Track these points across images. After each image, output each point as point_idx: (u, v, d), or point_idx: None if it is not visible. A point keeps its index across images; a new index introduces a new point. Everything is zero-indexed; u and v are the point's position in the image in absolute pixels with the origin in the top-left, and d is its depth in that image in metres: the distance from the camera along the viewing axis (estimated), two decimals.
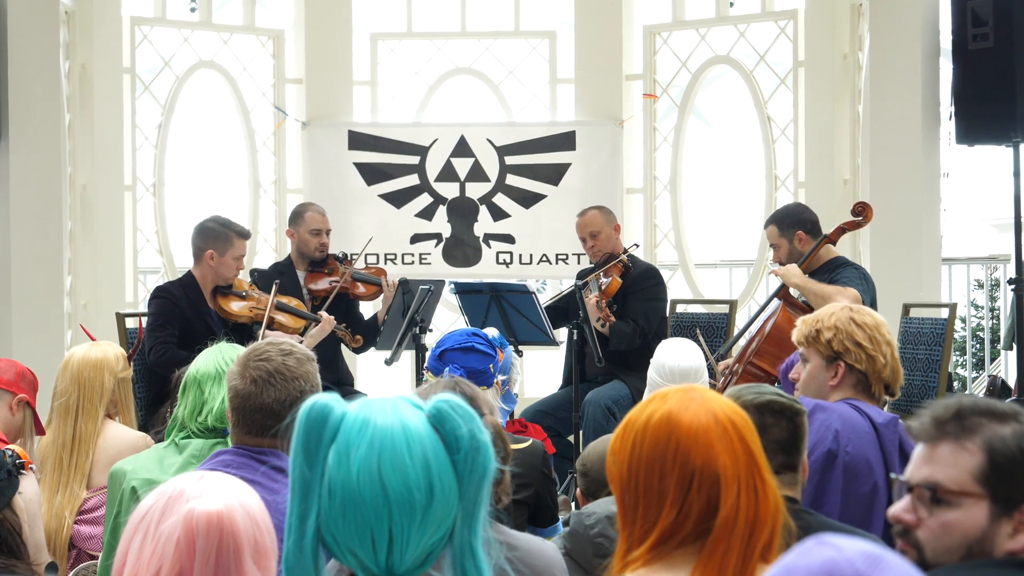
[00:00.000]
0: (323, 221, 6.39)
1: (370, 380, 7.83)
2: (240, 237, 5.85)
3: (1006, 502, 1.85)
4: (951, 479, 1.88)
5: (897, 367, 3.50)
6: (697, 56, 7.73)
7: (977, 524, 1.85)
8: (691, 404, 2.00)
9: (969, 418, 1.89)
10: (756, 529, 1.94)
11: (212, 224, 5.86)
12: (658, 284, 6.45)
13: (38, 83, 6.80)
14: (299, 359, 2.87)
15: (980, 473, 1.86)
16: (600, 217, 6.50)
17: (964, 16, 6.41)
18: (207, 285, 5.82)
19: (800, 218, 5.85)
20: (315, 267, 6.36)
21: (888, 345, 3.48)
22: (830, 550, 1.29)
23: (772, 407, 2.72)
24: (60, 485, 3.89)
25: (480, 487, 1.61)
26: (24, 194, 6.81)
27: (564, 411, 6.10)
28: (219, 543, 1.82)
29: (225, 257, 5.79)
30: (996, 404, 1.92)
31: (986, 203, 13.39)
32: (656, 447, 1.98)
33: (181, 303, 5.70)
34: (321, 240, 6.35)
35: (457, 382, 2.87)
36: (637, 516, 1.99)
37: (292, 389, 2.82)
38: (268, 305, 5.80)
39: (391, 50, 8.05)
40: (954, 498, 1.87)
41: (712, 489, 1.94)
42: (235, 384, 2.85)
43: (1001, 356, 8.21)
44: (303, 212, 6.44)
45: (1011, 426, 1.87)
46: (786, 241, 5.79)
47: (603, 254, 6.44)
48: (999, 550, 1.84)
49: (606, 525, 3.14)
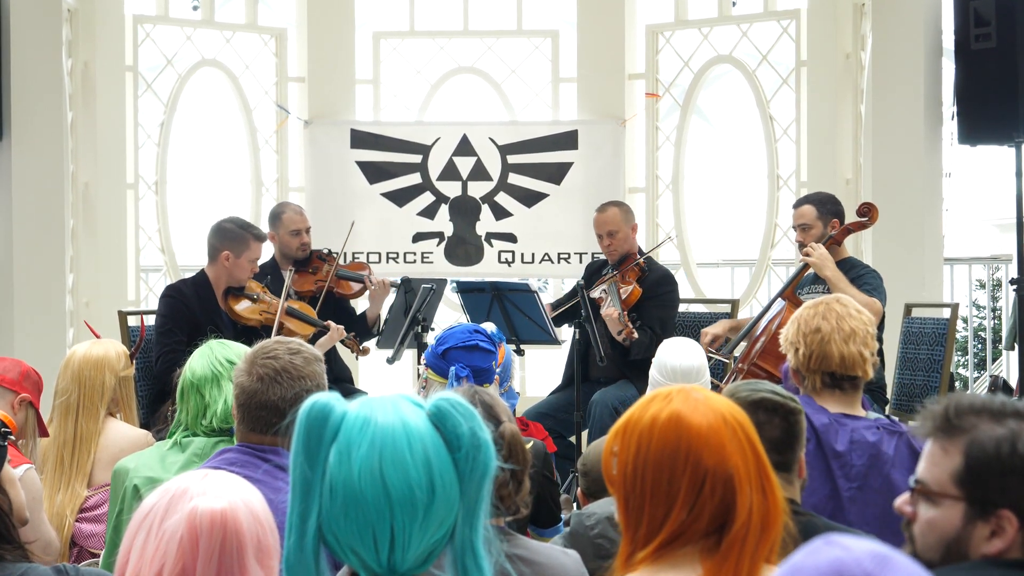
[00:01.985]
0: (301, 220, 6.34)
1: (371, 379, 7.82)
2: (257, 240, 5.82)
3: (983, 505, 1.85)
4: (934, 479, 1.90)
5: (828, 351, 3.44)
6: (699, 55, 7.73)
7: (952, 525, 1.87)
8: (698, 404, 1.99)
9: (959, 418, 1.90)
10: (768, 529, 1.95)
11: (230, 225, 5.83)
12: (673, 291, 6.35)
13: (40, 81, 6.81)
14: (306, 358, 2.88)
15: (957, 475, 1.88)
16: (620, 216, 6.37)
17: (967, 16, 6.41)
18: (220, 286, 5.80)
19: (838, 208, 5.86)
20: (300, 267, 6.33)
21: (816, 332, 3.47)
22: (838, 550, 1.30)
23: (765, 405, 2.71)
24: (61, 483, 3.90)
25: (481, 485, 1.61)
26: (26, 192, 6.81)
27: (565, 413, 6.07)
28: (222, 541, 1.83)
29: (240, 259, 5.76)
30: (997, 403, 1.91)
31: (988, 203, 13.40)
32: (665, 448, 1.97)
33: (191, 303, 5.68)
34: (302, 240, 6.30)
35: (476, 391, 2.86)
36: (643, 517, 1.98)
37: (298, 388, 2.82)
38: (279, 311, 5.78)
39: (393, 49, 8.05)
40: (936, 498, 1.89)
41: (725, 489, 1.94)
42: (241, 381, 2.86)
43: (1003, 356, 8.20)
44: (281, 213, 6.38)
45: (1005, 427, 1.87)
46: (821, 224, 5.78)
47: (619, 254, 6.38)
48: (975, 552, 1.85)
49: (606, 526, 3.13)
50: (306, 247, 6.31)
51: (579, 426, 5.84)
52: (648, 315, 6.11)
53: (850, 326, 3.48)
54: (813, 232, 5.77)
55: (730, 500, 1.94)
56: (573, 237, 7.72)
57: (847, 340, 3.45)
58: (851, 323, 3.49)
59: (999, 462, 1.85)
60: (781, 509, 1.98)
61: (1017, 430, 1.86)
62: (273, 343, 2.92)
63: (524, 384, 7.76)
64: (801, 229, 5.85)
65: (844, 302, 3.58)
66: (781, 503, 1.98)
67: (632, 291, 6.10)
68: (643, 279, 6.20)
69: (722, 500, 1.94)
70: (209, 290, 5.77)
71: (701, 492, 1.94)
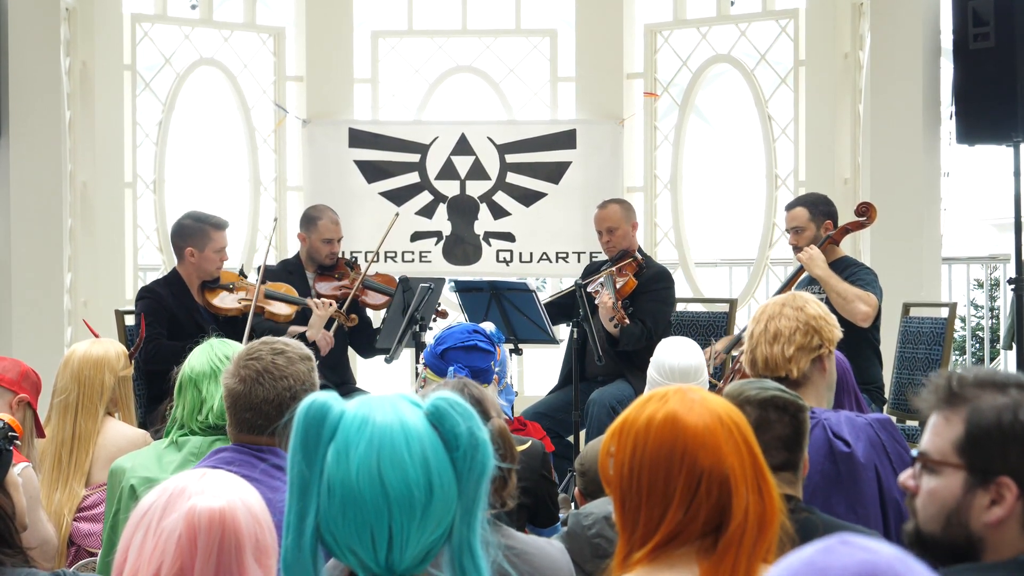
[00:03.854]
0: (336, 231, 6.39)
1: (369, 378, 7.82)
2: (217, 229, 5.81)
3: (983, 473, 1.86)
4: (936, 449, 1.91)
5: (756, 356, 3.41)
6: (698, 55, 7.73)
7: (952, 494, 1.88)
8: (694, 405, 2.00)
9: (962, 389, 1.91)
10: (764, 529, 1.95)
11: (187, 221, 5.85)
12: (669, 288, 6.39)
13: (38, 80, 6.80)
14: (290, 358, 2.86)
15: (958, 443, 1.89)
16: (620, 213, 6.44)
17: (965, 16, 6.41)
18: (193, 282, 5.81)
19: (831, 208, 5.87)
20: (324, 270, 6.35)
21: (751, 338, 3.44)
22: (864, 552, 1.28)
23: (775, 403, 2.70)
24: (59, 483, 3.89)
25: (479, 485, 1.61)
26: (24, 191, 6.81)
27: (563, 412, 6.08)
28: (221, 540, 1.83)
29: (205, 252, 5.78)
30: (1000, 375, 1.93)
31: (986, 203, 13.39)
32: (661, 448, 1.97)
33: (167, 301, 5.68)
34: (332, 248, 6.35)
35: (465, 384, 2.87)
36: (639, 517, 1.98)
37: (281, 388, 2.81)
38: (255, 295, 5.75)
39: (392, 48, 8.05)
40: (938, 467, 1.90)
41: (721, 490, 1.95)
42: (228, 383, 2.86)
43: (1001, 356, 8.20)
44: (317, 220, 6.41)
45: (1007, 396, 1.88)
46: (814, 226, 5.78)
47: (618, 251, 6.40)
48: (976, 522, 1.86)
49: (604, 526, 3.13)
50: (334, 256, 6.35)
51: (577, 425, 5.84)
52: (641, 308, 6.16)
53: (776, 327, 3.41)
54: (806, 234, 5.77)
55: (726, 501, 1.95)
56: (571, 236, 7.71)
57: (771, 342, 3.40)
58: (778, 323, 3.41)
59: (1000, 430, 1.86)
60: (778, 509, 1.98)
61: (1019, 399, 1.88)
62: (259, 344, 2.91)
63: (522, 383, 7.75)
64: (794, 232, 5.84)
65: (782, 300, 3.50)
66: (777, 503, 1.98)
67: (627, 282, 6.14)
68: (639, 273, 6.24)
69: (718, 501, 1.95)
70: (183, 287, 5.77)
71: (697, 493, 1.95)
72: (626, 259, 6.31)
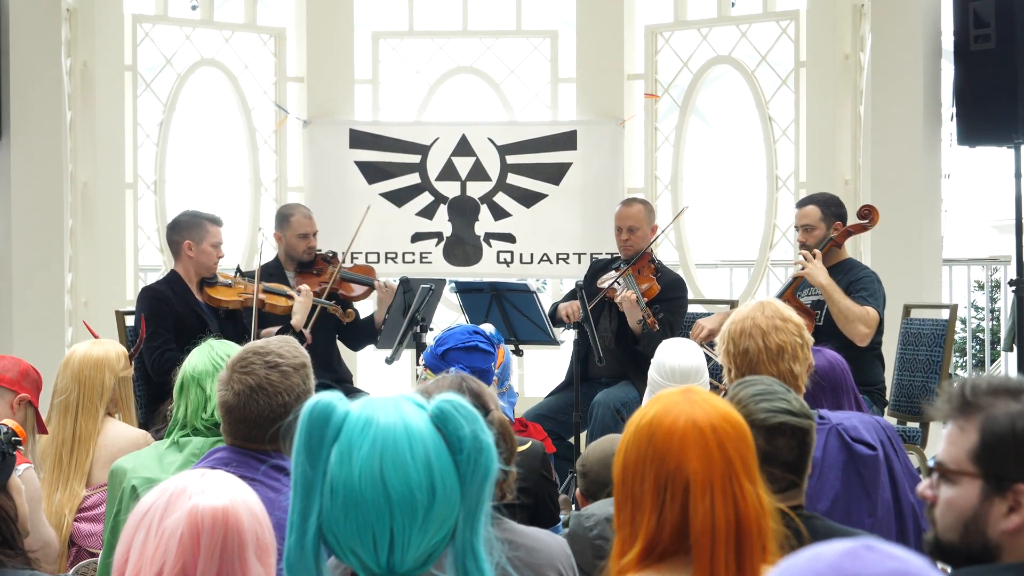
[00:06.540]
0: (310, 224, 6.36)
1: (370, 379, 7.82)
2: (213, 223, 5.85)
3: (999, 481, 1.86)
4: (952, 458, 1.91)
5: (759, 373, 3.31)
6: (698, 56, 7.73)
7: (969, 503, 1.88)
8: (675, 408, 2.00)
9: (975, 398, 1.91)
10: (742, 536, 1.94)
11: (182, 217, 5.89)
12: (684, 296, 6.37)
13: (39, 80, 6.80)
14: (284, 372, 2.84)
15: (973, 452, 1.88)
16: (644, 214, 6.36)
17: (966, 17, 6.41)
18: (192, 279, 5.82)
19: (842, 210, 5.81)
20: (303, 268, 6.34)
21: (744, 354, 3.40)
22: (894, 561, 1.27)
23: (783, 431, 2.62)
24: (60, 483, 3.89)
25: (482, 487, 1.61)
26: (25, 191, 6.81)
27: (564, 414, 6.06)
28: (223, 538, 1.83)
29: (203, 245, 5.79)
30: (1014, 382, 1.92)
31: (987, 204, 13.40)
32: (639, 450, 2.00)
33: (170, 300, 5.69)
34: (308, 243, 6.32)
35: (463, 378, 2.87)
36: (626, 519, 2.01)
37: (275, 404, 2.80)
38: (255, 289, 5.79)
39: (392, 49, 8.05)
40: (955, 477, 1.90)
41: (684, 496, 1.95)
42: (221, 392, 2.85)
43: (1001, 357, 8.20)
44: (289, 216, 6.39)
45: (1021, 403, 1.88)
46: (824, 226, 5.72)
47: (633, 251, 6.32)
48: (993, 530, 1.86)
49: (605, 527, 3.13)
50: (312, 251, 6.33)
51: (578, 427, 5.83)
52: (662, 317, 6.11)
53: (776, 342, 3.38)
54: (816, 233, 5.72)
55: (688, 506, 1.95)
56: (572, 237, 7.72)
57: (775, 360, 3.37)
58: (778, 338, 3.38)
59: (1014, 437, 1.86)
60: (759, 516, 1.96)
61: None
62: (252, 353, 2.87)
63: (523, 384, 7.76)
64: (804, 229, 5.79)
65: (769, 312, 3.45)
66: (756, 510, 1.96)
67: (652, 287, 6.10)
68: (659, 279, 6.20)
69: (682, 507, 1.95)
70: (183, 285, 5.78)
71: (664, 497, 1.95)
72: (643, 260, 6.26)
